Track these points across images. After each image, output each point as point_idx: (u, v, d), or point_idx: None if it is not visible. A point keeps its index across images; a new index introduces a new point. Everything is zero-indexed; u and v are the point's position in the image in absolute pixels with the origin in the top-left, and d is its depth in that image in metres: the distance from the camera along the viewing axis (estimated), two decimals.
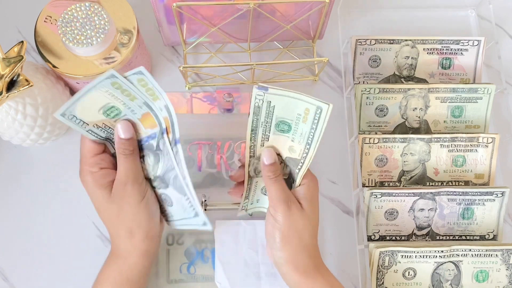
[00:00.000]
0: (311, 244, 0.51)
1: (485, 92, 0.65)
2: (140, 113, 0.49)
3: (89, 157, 0.50)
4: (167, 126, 0.48)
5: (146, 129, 0.50)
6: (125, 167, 0.49)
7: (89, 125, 0.49)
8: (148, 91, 0.47)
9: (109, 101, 0.47)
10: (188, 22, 0.63)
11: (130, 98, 0.47)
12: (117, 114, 0.49)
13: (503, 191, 0.61)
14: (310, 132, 0.49)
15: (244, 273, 0.58)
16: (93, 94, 0.46)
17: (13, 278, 0.60)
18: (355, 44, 0.66)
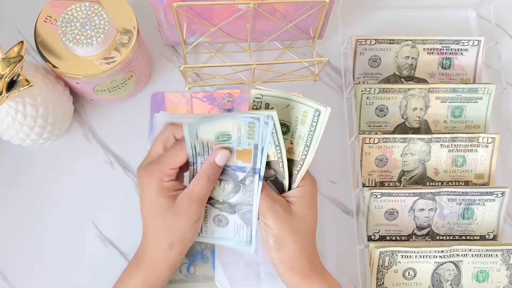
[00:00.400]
0: (307, 245, 0.51)
1: (485, 92, 0.65)
2: (243, 147, 0.49)
3: (171, 167, 0.50)
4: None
5: (237, 160, 0.50)
6: (202, 188, 0.50)
7: (197, 140, 0.50)
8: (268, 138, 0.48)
9: (230, 130, 0.48)
10: (188, 22, 0.63)
11: (250, 137, 0.48)
12: (225, 140, 0.49)
13: (503, 191, 0.61)
14: (308, 134, 0.49)
15: (244, 273, 0.58)
16: (229, 121, 0.48)
17: (13, 278, 0.60)
18: (355, 44, 0.66)
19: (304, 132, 0.49)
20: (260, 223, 0.52)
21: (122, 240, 0.61)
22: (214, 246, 0.59)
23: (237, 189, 0.51)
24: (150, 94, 0.67)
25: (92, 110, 0.66)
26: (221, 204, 0.53)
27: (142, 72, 0.64)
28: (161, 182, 0.50)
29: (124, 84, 0.62)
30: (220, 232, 0.54)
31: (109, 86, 0.60)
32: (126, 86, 0.62)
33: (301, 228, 0.51)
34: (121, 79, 0.60)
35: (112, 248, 0.61)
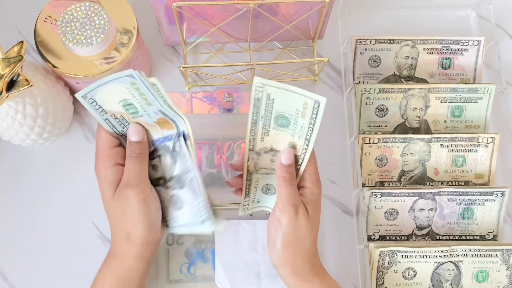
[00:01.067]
0: (311, 249, 0.51)
1: (485, 92, 0.65)
2: (155, 117, 0.48)
3: (105, 149, 0.49)
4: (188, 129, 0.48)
5: (162, 130, 0.49)
6: (129, 169, 0.48)
7: (107, 114, 0.48)
8: (162, 100, 0.46)
9: (128, 98, 0.47)
10: (188, 22, 0.63)
11: (146, 103, 0.47)
12: (135, 112, 0.48)
13: (503, 191, 0.61)
14: (309, 127, 0.48)
15: (244, 273, 0.58)
16: (115, 85, 0.45)
17: (13, 278, 0.60)
18: (355, 44, 0.66)
19: (305, 125, 0.48)
20: (272, 219, 0.51)
21: None
22: (214, 246, 0.59)
23: (174, 160, 0.50)
24: None
25: None
26: (170, 181, 0.51)
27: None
28: (105, 169, 0.48)
29: None
30: (181, 218, 0.52)
31: None
32: None
33: (310, 233, 0.50)
34: None
35: None
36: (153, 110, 0.47)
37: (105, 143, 0.49)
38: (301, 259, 0.50)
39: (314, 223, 0.50)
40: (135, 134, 0.49)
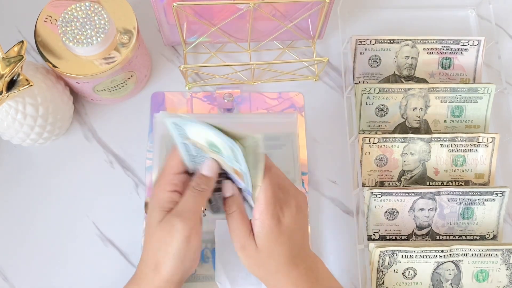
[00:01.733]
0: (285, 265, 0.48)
1: (485, 92, 0.65)
2: (235, 166, 0.46)
3: (171, 173, 0.48)
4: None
5: (234, 175, 0.48)
6: (187, 201, 0.47)
7: (189, 140, 0.46)
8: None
9: (219, 145, 0.45)
10: (188, 22, 0.63)
11: (234, 159, 0.45)
12: (217, 152, 0.46)
13: (503, 191, 0.61)
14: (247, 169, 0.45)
15: (244, 272, 0.58)
16: (213, 135, 0.44)
17: (13, 278, 0.60)
18: (355, 44, 0.66)
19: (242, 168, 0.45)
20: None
21: (122, 240, 0.61)
22: (215, 246, 0.59)
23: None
24: (150, 94, 0.67)
25: (92, 110, 0.66)
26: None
27: (142, 72, 0.64)
28: (163, 192, 0.47)
29: (124, 84, 0.62)
30: None
31: (109, 86, 0.60)
32: (126, 86, 0.62)
33: (260, 266, 0.48)
34: (121, 79, 0.60)
35: (112, 248, 0.61)
36: (236, 165, 0.45)
37: (173, 166, 0.48)
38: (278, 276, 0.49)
39: (267, 255, 0.48)
40: (209, 169, 0.48)
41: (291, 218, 0.48)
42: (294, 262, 0.48)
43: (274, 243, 0.47)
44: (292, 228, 0.48)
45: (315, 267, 0.50)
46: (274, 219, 0.47)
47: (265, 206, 0.47)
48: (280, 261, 0.48)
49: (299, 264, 0.49)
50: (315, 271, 0.50)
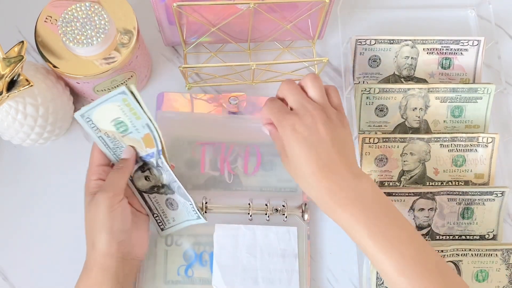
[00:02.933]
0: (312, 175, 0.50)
1: (485, 92, 0.65)
2: (143, 132, 0.51)
3: (95, 165, 0.53)
4: (162, 146, 0.52)
5: (146, 148, 0.53)
6: (107, 178, 0.52)
7: (101, 132, 0.52)
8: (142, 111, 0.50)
9: (120, 116, 0.50)
10: (188, 22, 0.63)
11: (136, 117, 0.50)
12: (125, 130, 0.51)
13: (503, 191, 0.61)
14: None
15: (241, 277, 0.58)
16: (109, 105, 0.49)
17: (13, 278, 0.60)
18: (355, 44, 0.66)
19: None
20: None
21: None
22: (213, 249, 0.59)
23: (160, 172, 0.54)
24: (150, 94, 0.67)
25: None
26: (162, 188, 0.55)
27: (142, 72, 0.64)
28: (89, 181, 0.52)
29: (124, 84, 0.62)
30: (179, 216, 0.56)
31: (109, 86, 0.60)
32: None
33: (297, 171, 0.51)
34: (121, 79, 0.60)
35: None
36: (141, 124, 0.50)
37: (95, 160, 0.54)
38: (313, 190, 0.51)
39: (295, 162, 0.52)
40: (126, 153, 0.53)
41: (307, 127, 0.50)
42: (323, 173, 0.49)
43: (295, 149, 0.50)
44: (313, 137, 0.50)
45: (355, 180, 0.50)
46: (285, 127, 0.51)
47: (270, 116, 0.53)
48: (307, 170, 0.50)
49: (330, 175, 0.49)
50: (355, 184, 0.50)
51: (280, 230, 0.60)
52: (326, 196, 0.49)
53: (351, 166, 0.50)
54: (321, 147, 0.50)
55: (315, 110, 0.51)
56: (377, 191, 0.50)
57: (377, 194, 0.50)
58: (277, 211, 0.60)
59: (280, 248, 0.59)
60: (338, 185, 0.49)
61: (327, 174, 0.49)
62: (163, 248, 0.59)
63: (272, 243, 0.59)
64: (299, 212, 0.61)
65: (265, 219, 0.60)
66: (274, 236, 0.59)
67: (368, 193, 0.49)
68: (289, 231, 0.60)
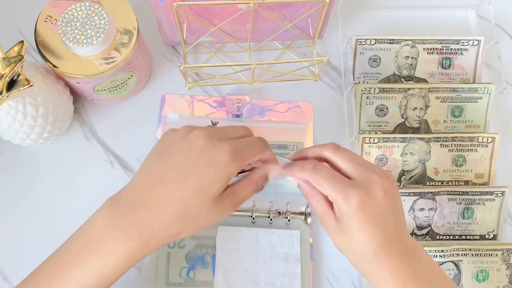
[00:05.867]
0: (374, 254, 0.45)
1: (485, 92, 0.65)
2: None
3: (246, 158, 0.44)
4: None
5: None
6: (247, 195, 0.45)
7: None
8: None
9: None
10: (188, 22, 0.63)
11: None
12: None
13: (503, 191, 0.61)
14: None
15: (243, 280, 0.58)
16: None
17: (13, 278, 0.60)
18: (355, 44, 0.66)
19: None
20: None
21: None
22: (215, 251, 0.59)
23: None
24: (150, 94, 0.67)
25: (92, 110, 0.66)
26: None
27: (142, 72, 0.64)
28: (236, 170, 0.42)
29: (124, 84, 0.62)
30: None
31: (109, 86, 0.60)
32: (126, 86, 0.62)
33: (353, 246, 0.45)
34: (121, 79, 0.60)
35: None
36: None
37: (252, 156, 0.45)
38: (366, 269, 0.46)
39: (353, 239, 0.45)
40: (274, 175, 0.47)
41: (375, 201, 0.44)
42: (386, 250, 0.44)
43: (358, 226, 0.44)
44: (381, 212, 0.44)
45: (413, 254, 0.46)
46: (351, 203, 0.43)
47: (328, 186, 0.44)
48: (368, 249, 0.44)
49: (393, 253, 0.44)
50: (414, 259, 0.46)
51: (283, 233, 0.60)
52: (387, 276, 0.44)
53: (407, 238, 0.46)
54: (389, 225, 0.44)
55: (384, 180, 0.45)
56: (433, 264, 0.47)
57: (433, 267, 0.47)
58: (280, 214, 0.60)
59: (282, 252, 0.59)
60: (401, 263, 0.44)
61: (389, 252, 0.44)
62: (165, 250, 0.59)
63: (275, 246, 0.59)
64: (302, 215, 0.61)
65: (267, 222, 0.60)
66: (277, 239, 0.59)
67: (429, 268, 0.46)
68: (292, 235, 0.60)
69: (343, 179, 0.44)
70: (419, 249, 0.47)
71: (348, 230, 0.44)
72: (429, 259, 0.47)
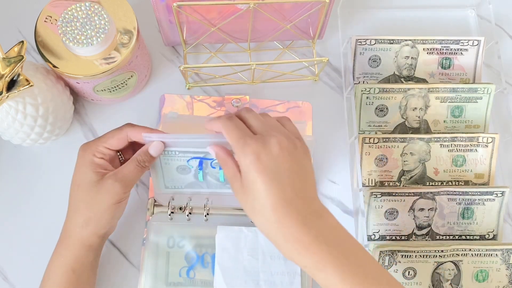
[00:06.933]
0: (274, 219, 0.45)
1: (485, 92, 0.65)
2: None
3: (105, 145, 0.53)
4: None
5: None
6: (130, 171, 0.52)
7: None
8: None
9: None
10: (188, 22, 0.63)
11: None
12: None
13: (503, 191, 0.61)
14: None
15: (243, 280, 0.58)
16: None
17: (13, 278, 0.60)
18: (355, 44, 0.66)
19: None
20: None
21: (122, 240, 0.61)
22: (215, 251, 0.59)
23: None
24: (150, 94, 0.67)
25: (92, 110, 0.66)
26: None
27: (142, 72, 0.64)
28: (93, 156, 0.52)
29: (124, 84, 0.62)
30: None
31: (109, 86, 0.60)
32: (126, 86, 0.62)
33: (255, 204, 0.45)
34: (121, 79, 0.60)
35: (112, 248, 0.61)
36: None
37: (113, 144, 0.54)
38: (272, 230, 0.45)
39: (255, 195, 0.45)
40: (156, 150, 0.53)
41: (270, 154, 0.45)
42: (285, 210, 0.44)
43: (254, 177, 0.45)
44: (276, 166, 0.45)
45: (317, 216, 0.45)
46: (247, 155, 0.45)
47: (229, 138, 0.47)
48: (266, 204, 0.44)
49: (293, 213, 0.44)
50: (319, 220, 0.45)
51: None
52: (291, 238, 0.44)
53: (313, 201, 0.46)
54: (286, 180, 0.45)
55: (282, 136, 0.46)
56: (340, 227, 0.46)
57: (341, 230, 0.46)
58: None
59: None
60: (304, 225, 0.44)
61: (289, 211, 0.44)
62: (165, 250, 0.59)
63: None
64: None
65: None
66: None
67: (336, 232, 0.46)
68: None
69: (247, 132, 0.47)
70: (326, 213, 0.46)
71: (248, 185, 0.45)
72: (337, 223, 0.46)
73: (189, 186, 0.56)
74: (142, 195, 0.63)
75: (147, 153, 0.52)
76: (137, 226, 0.61)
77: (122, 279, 0.60)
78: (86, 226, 0.52)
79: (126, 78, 0.61)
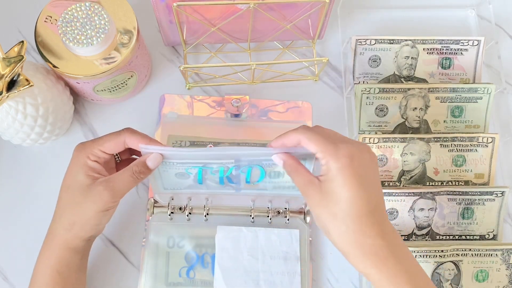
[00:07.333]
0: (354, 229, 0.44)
1: (485, 92, 0.65)
2: None
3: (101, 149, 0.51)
4: None
5: None
6: (122, 180, 0.50)
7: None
8: None
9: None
10: (188, 22, 0.63)
11: None
12: None
13: (503, 191, 0.61)
14: None
15: (243, 280, 0.58)
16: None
17: (13, 278, 0.60)
18: (355, 44, 0.66)
19: None
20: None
21: (122, 240, 0.61)
22: (215, 251, 0.59)
23: None
24: (150, 94, 0.67)
25: (92, 110, 0.66)
26: None
27: (142, 72, 0.64)
28: (87, 159, 0.50)
29: (124, 84, 0.62)
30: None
31: (109, 86, 0.60)
32: (126, 86, 0.63)
33: (337, 211, 0.44)
34: (121, 79, 0.60)
35: (112, 248, 0.61)
36: None
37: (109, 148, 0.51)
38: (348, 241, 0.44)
39: (338, 200, 0.44)
40: (154, 162, 0.50)
41: (363, 159, 0.44)
42: (369, 220, 0.43)
43: (344, 181, 0.43)
44: (366, 172, 0.44)
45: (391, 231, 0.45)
46: (340, 158, 0.43)
47: (318, 142, 0.45)
48: (351, 212, 0.43)
49: (375, 224, 0.43)
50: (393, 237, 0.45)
51: (282, 232, 0.60)
52: (368, 248, 0.43)
53: (386, 216, 0.46)
54: (372, 189, 0.44)
55: (368, 148, 0.46)
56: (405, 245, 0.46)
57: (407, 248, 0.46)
58: (279, 213, 0.60)
59: (282, 251, 0.59)
60: (381, 239, 0.43)
61: (373, 223, 0.43)
62: (164, 250, 0.59)
63: (274, 245, 0.59)
64: (301, 214, 0.61)
65: (267, 221, 0.60)
66: (276, 238, 0.59)
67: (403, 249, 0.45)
68: (291, 234, 0.60)
69: (335, 137, 0.46)
70: (394, 229, 0.46)
71: (331, 190, 0.44)
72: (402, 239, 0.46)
73: (188, 188, 0.56)
74: (142, 195, 0.63)
75: (145, 165, 0.50)
76: (137, 226, 0.61)
77: (122, 279, 0.60)
78: (70, 229, 0.50)
79: (126, 78, 0.61)
